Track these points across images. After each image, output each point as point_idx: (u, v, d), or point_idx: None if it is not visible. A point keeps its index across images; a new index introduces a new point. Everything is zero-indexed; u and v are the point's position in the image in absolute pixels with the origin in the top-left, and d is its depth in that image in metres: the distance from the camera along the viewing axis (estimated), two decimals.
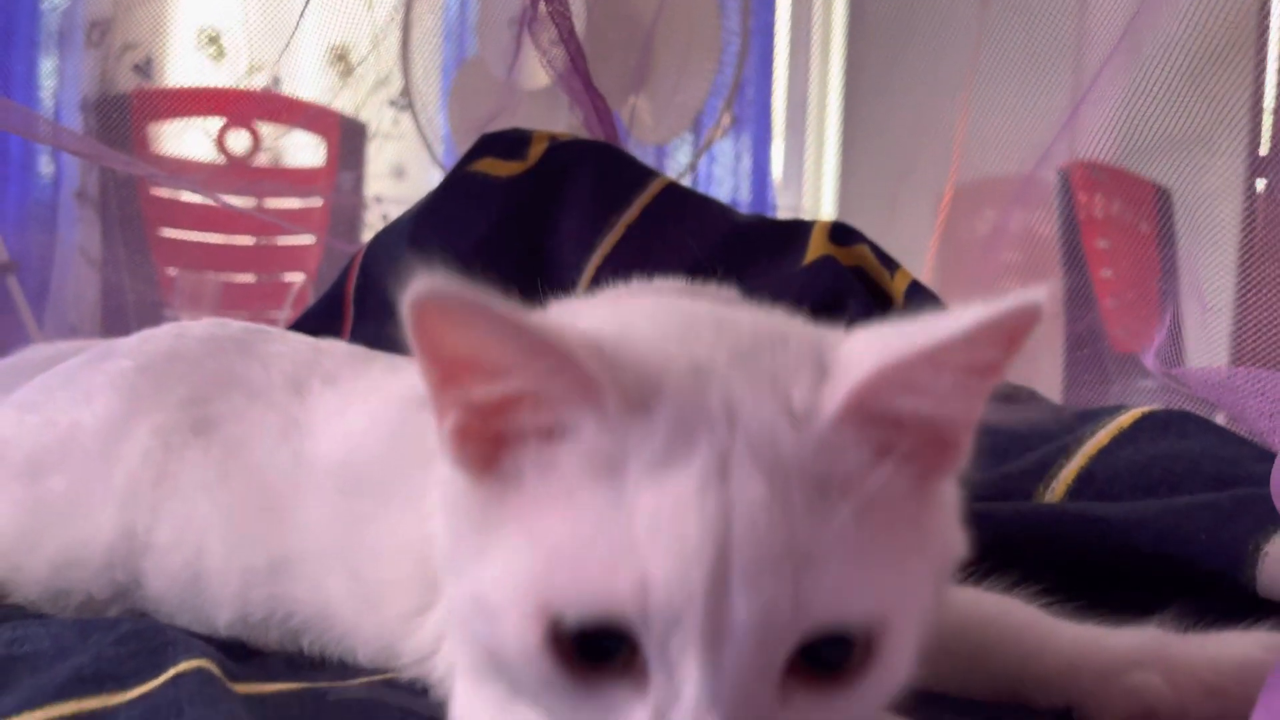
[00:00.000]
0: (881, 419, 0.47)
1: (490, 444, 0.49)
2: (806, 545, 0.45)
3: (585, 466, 0.47)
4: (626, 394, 0.46)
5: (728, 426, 0.46)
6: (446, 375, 0.47)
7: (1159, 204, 1.70)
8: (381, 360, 0.98)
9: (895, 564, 0.48)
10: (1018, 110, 1.99)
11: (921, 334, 0.45)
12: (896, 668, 0.48)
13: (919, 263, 2.23)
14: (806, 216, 2.75)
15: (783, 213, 3.72)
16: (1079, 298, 1.83)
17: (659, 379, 0.47)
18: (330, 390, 0.93)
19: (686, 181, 3.47)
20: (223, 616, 0.88)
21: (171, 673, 0.71)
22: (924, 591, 0.50)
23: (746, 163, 3.94)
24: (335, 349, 1.01)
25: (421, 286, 0.43)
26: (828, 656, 0.46)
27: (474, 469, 0.50)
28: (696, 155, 3.22)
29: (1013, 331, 0.45)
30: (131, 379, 0.97)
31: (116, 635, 0.78)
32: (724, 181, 3.86)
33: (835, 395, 0.47)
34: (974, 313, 0.44)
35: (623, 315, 0.58)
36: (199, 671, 0.71)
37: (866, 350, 0.48)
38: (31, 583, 0.92)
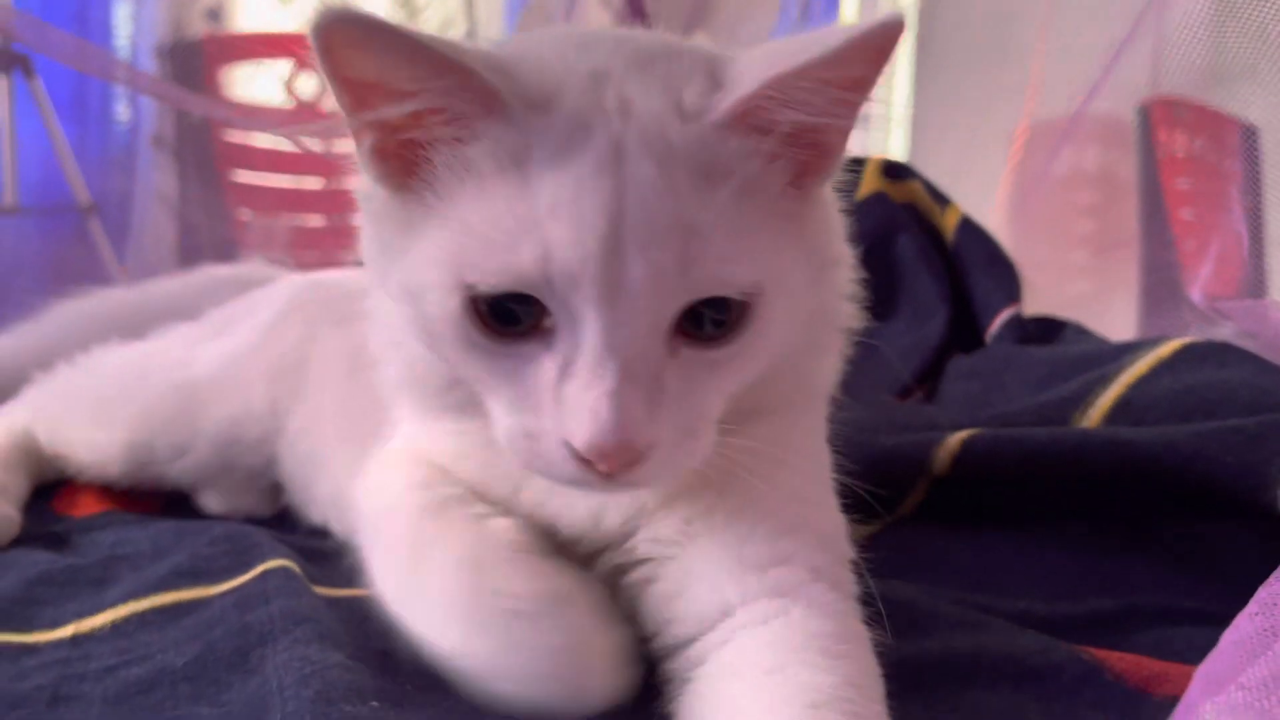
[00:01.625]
0: (766, 129, 0.54)
1: (405, 158, 0.55)
2: (691, 219, 0.51)
3: (493, 161, 0.53)
4: (525, 97, 0.52)
5: (621, 119, 0.53)
6: (357, 99, 0.53)
7: (1245, 142, 1.66)
8: None
9: (771, 245, 0.55)
10: (1096, 44, 1.94)
11: (801, 52, 0.51)
12: (770, 335, 0.56)
13: (990, 202, 2.20)
14: (875, 155, 2.74)
15: (853, 151, 3.67)
16: (1157, 240, 1.81)
17: (558, 82, 0.54)
18: None
19: None
20: (316, 512, 0.98)
21: (260, 569, 0.78)
22: (798, 275, 0.57)
23: None
24: None
25: (325, 12, 0.48)
26: (710, 319, 0.54)
27: (393, 182, 0.56)
28: None
29: (880, 48, 0.51)
30: (289, 291, 1.15)
31: (209, 538, 0.86)
32: None
33: (724, 101, 0.53)
34: (844, 31, 0.50)
35: (529, 40, 0.61)
36: (284, 569, 0.78)
37: (753, 64, 0.54)
38: (195, 466, 1.03)
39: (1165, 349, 1.02)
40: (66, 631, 0.70)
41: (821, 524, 0.65)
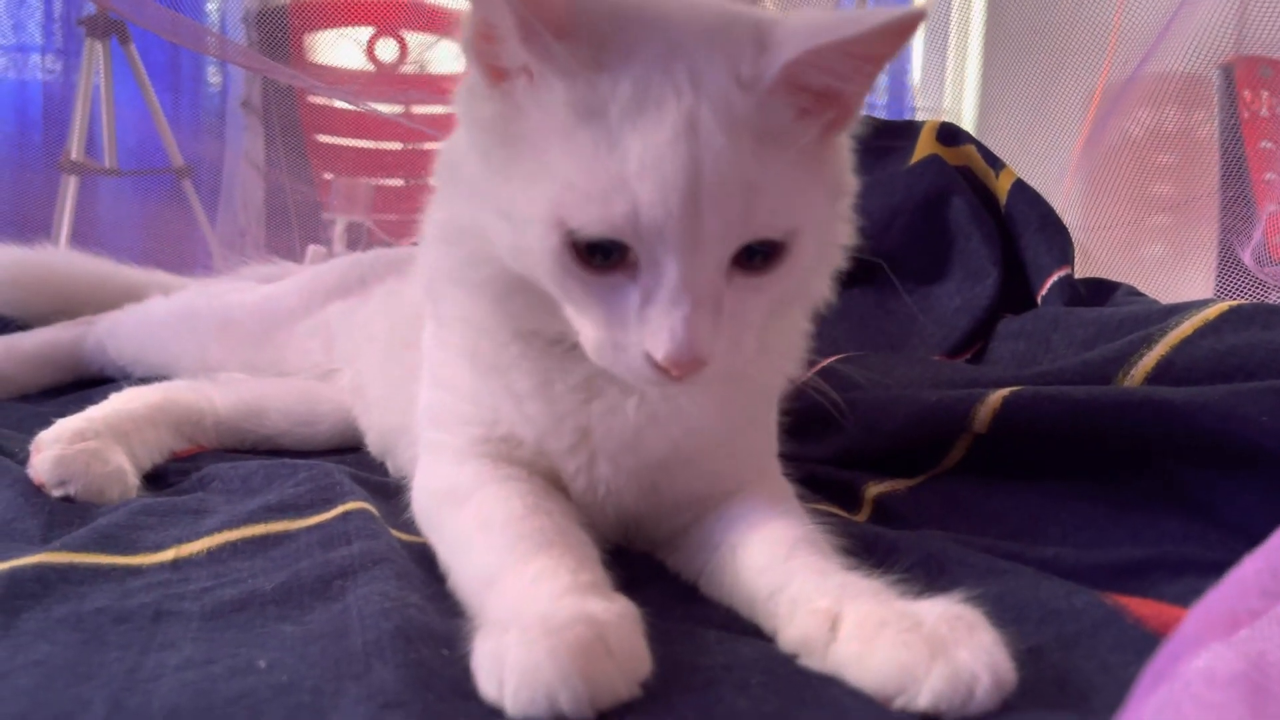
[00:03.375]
0: (802, 88, 0.65)
1: (496, 65, 0.66)
2: (752, 179, 0.63)
3: (569, 110, 0.63)
4: (579, 59, 0.62)
5: (692, 90, 0.63)
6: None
7: None
8: None
9: (806, 189, 0.67)
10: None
11: (840, 28, 0.62)
12: (804, 263, 0.69)
13: (1063, 164, 2.17)
14: (947, 119, 2.70)
15: (921, 116, 3.64)
16: (1237, 203, 1.78)
17: (632, 48, 0.64)
18: None
19: None
20: (372, 442, 1.13)
21: (341, 509, 0.86)
22: (822, 209, 0.70)
23: None
24: None
25: None
26: (758, 252, 0.66)
27: (489, 77, 0.67)
28: None
29: (902, 33, 0.63)
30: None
31: (295, 480, 0.94)
32: None
33: (771, 67, 0.64)
34: (878, 16, 0.61)
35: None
36: (363, 511, 0.85)
37: (795, 34, 0.64)
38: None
39: (1211, 311, 1.03)
40: (168, 555, 0.77)
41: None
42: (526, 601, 0.62)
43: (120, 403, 1.03)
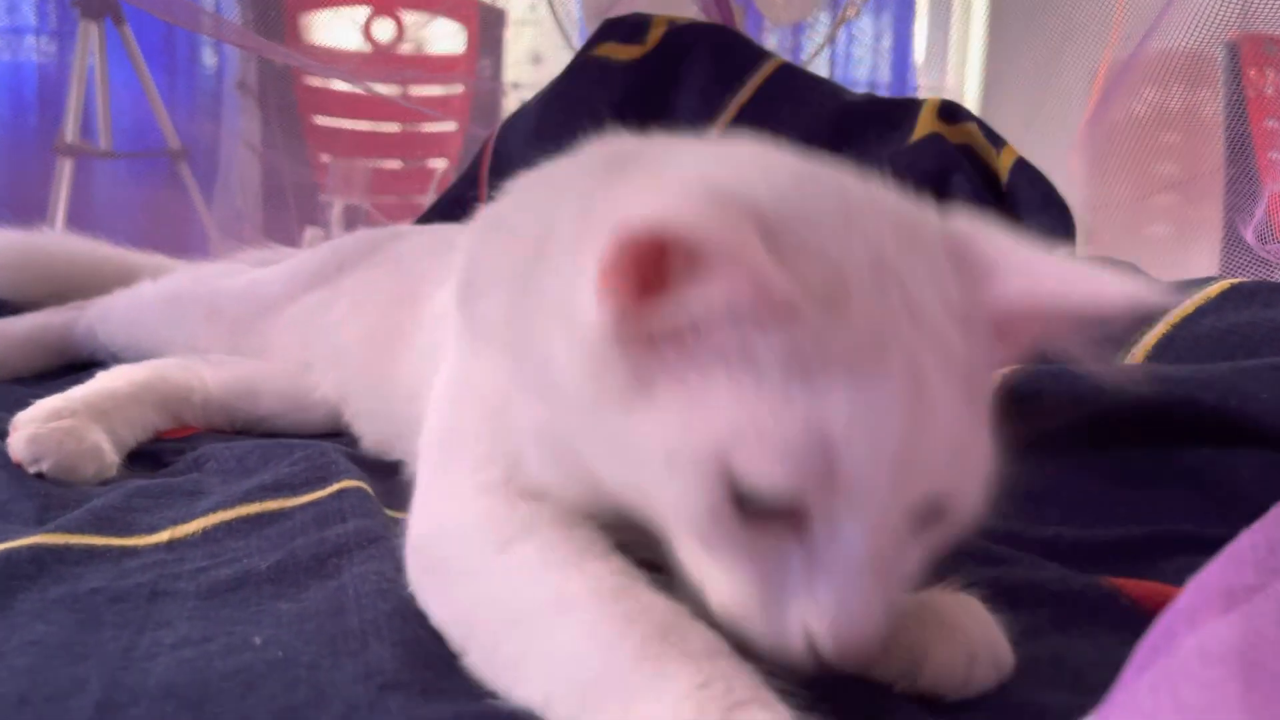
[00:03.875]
0: (1005, 332, 0.54)
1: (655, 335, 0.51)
2: (961, 441, 0.51)
3: (776, 359, 0.48)
4: (819, 299, 0.48)
5: (912, 328, 0.50)
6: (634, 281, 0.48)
7: None
8: None
9: (988, 438, 0.54)
10: None
11: (1073, 292, 0.52)
12: (971, 511, 0.54)
13: (1067, 143, 2.16)
14: (949, 98, 2.69)
15: (924, 94, 3.62)
16: (1242, 182, 1.77)
17: (844, 276, 0.49)
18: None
19: (822, 62, 3.41)
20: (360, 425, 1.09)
21: (336, 487, 0.85)
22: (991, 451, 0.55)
23: (887, 42, 3.82)
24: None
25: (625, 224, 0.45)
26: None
27: (630, 340, 0.50)
28: (832, 29, 3.15)
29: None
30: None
31: (291, 459, 0.94)
32: (863, 62, 3.76)
33: (992, 306, 0.53)
34: (1121, 291, 0.50)
35: (770, 178, 0.55)
36: (358, 489, 0.85)
37: (1019, 268, 0.53)
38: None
39: (1213, 289, 1.03)
40: (163, 536, 0.77)
41: None
42: None
43: (105, 381, 1.03)
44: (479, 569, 0.59)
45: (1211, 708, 0.39)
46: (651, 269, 0.48)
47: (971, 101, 3.20)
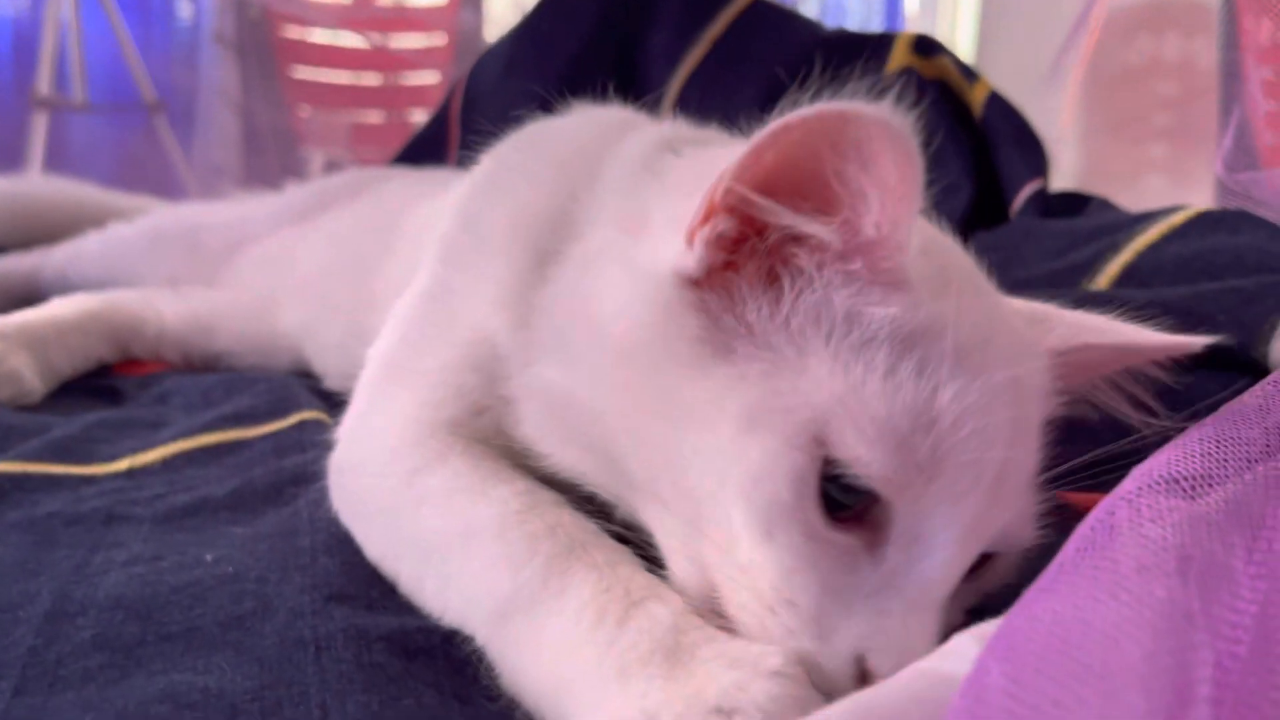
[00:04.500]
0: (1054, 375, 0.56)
1: (755, 260, 0.49)
2: (1034, 469, 0.53)
3: (891, 331, 0.47)
4: (927, 284, 0.48)
5: (1008, 339, 0.51)
6: (771, 178, 0.47)
7: None
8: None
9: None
10: None
11: (1114, 333, 0.59)
12: (1012, 562, 0.54)
13: (1063, 93, 2.15)
14: (942, 34, 2.66)
15: None
16: (1237, 135, 1.75)
17: (947, 272, 0.51)
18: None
19: (813, 8, 3.38)
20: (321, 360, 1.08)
21: (296, 418, 0.86)
22: None
23: None
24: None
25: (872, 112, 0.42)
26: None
27: (712, 292, 0.50)
28: None
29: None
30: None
31: (254, 391, 0.94)
32: (854, 10, 3.73)
33: (1057, 339, 0.56)
34: (1155, 336, 0.59)
35: None
36: (318, 420, 0.86)
37: (1062, 319, 0.59)
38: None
39: (1178, 217, 1.03)
40: (122, 465, 0.78)
41: None
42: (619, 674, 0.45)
43: (52, 308, 1.04)
44: (394, 506, 0.58)
45: (1147, 583, 0.39)
46: (752, 221, 0.48)
47: (966, 51, 3.16)
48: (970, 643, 0.43)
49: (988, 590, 0.53)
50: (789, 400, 0.47)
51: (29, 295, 1.34)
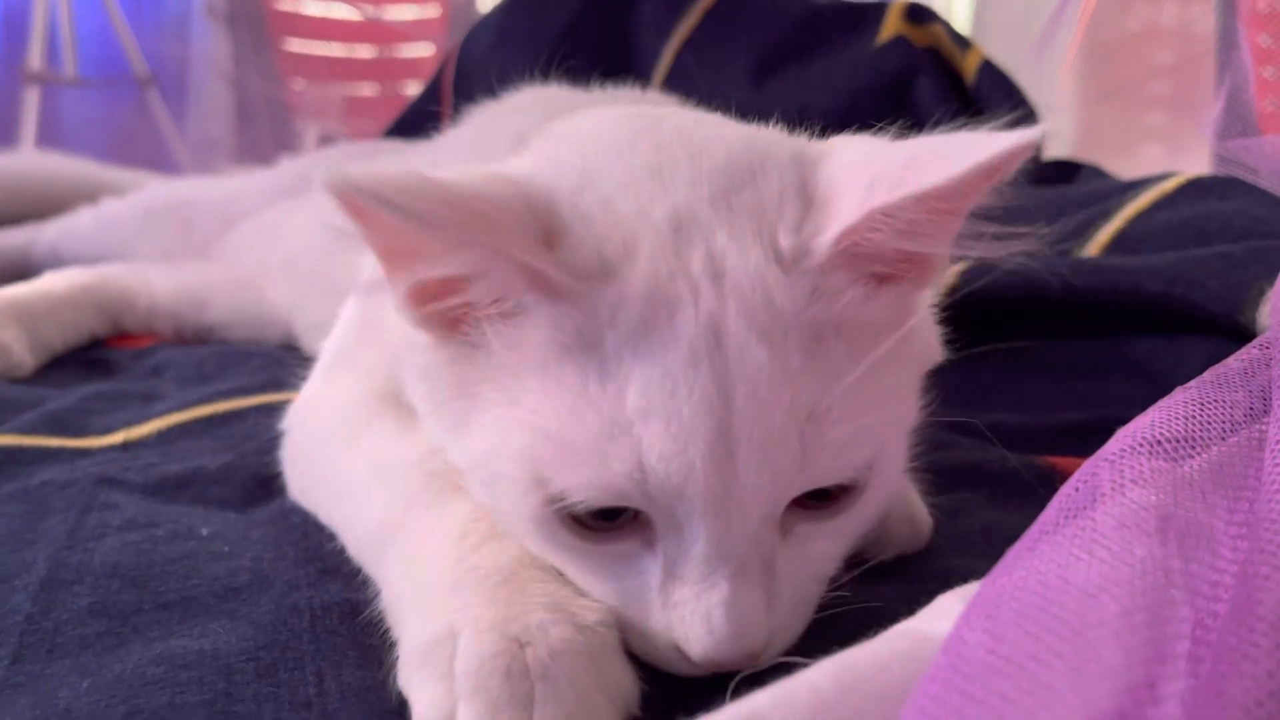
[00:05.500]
0: (870, 256, 0.46)
1: (447, 316, 0.47)
2: (809, 402, 0.44)
3: (554, 342, 0.45)
4: (585, 270, 0.44)
5: (714, 285, 0.44)
6: (389, 254, 0.45)
7: None
8: None
9: (887, 393, 0.48)
10: None
11: (919, 174, 0.43)
12: (887, 487, 0.51)
13: (1059, 62, 2.13)
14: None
15: None
16: (1229, 102, 1.75)
17: (629, 239, 0.46)
18: None
19: None
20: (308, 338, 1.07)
21: (291, 394, 0.86)
22: (910, 407, 0.52)
23: None
24: None
25: (333, 180, 0.40)
26: (825, 492, 0.47)
27: (436, 331, 0.48)
28: None
29: (1003, 170, 0.43)
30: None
31: (249, 367, 0.94)
32: None
33: (825, 239, 0.45)
34: (967, 157, 0.42)
35: (586, 149, 0.52)
36: None
37: (852, 185, 0.46)
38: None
39: (1169, 184, 1.03)
40: (117, 438, 0.78)
41: None
42: (455, 567, 0.47)
43: (43, 283, 1.04)
44: (320, 456, 0.63)
45: (1126, 541, 0.40)
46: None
47: (962, 20, 3.15)
48: (955, 602, 0.43)
49: (870, 523, 0.52)
50: (509, 447, 0.46)
51: (21, 271, 1.34)
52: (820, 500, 0.47)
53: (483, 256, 0.43)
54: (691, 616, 0.44)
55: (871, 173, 0.45)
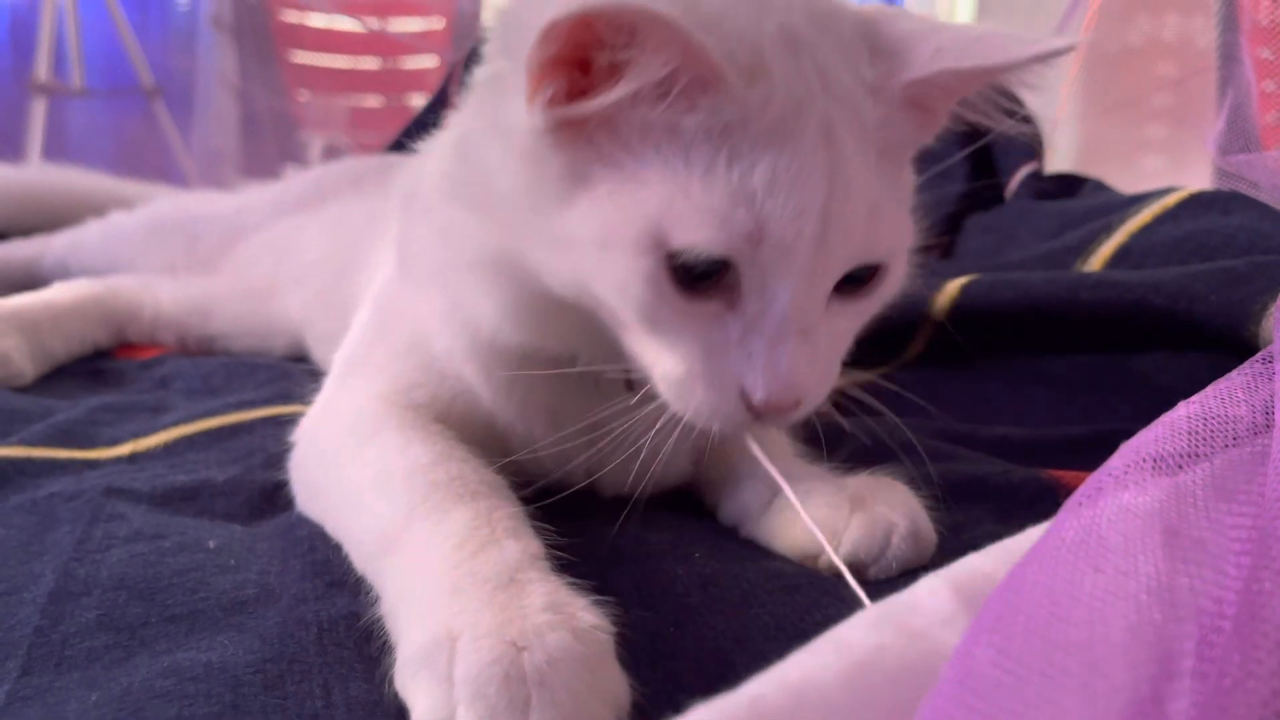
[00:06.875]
0: (918, 104, 0.58)
1: (571, 116, 0.54)
2: (876, 198, 0.56)
3: (704, 131, 0.53)
4: (742, 70, 0.52)
5: (825, 93, 0.54)
6: (554, 64, 0.51)
7: None
8: None
9: (906, 209, 0.62)
10: None
11: (980, 52, 0.55)
12: (896, 283, 0.62)
13: (1061, 76, 2.14)
14: (941, 15, 2.65)
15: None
16: (1230, 117, 1.75)
17: (760, 49, 0.53)
18: None
19: None
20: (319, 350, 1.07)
21: (299, 407, 0.86)
22: (910, 228, 0.63)
23: None
24: None
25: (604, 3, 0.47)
26: (858, 276, 0.58)
27: (568, 132, 0.54)
28: None
29: (1045, 63, 0.55)
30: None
31: (255, 380, 0.95)
32: None
33: (900, 79, 0.56)
34: (1029, 47, 0.54)
35: None
36: None
37: (920, 46, 0.57)
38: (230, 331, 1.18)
39: (1171, 199, 1.03)
40: (124, 450, 0.78)
41: None
42: (455, 575, 0.49)
43: (50, 293, 1.05)
44: (326, 466, 0.65)
45: (1131, 557, 0.40)
46: (579, 65, 0.52)
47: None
48: (940, 583, 0.44)
49: (886, 300, 0.63)
50: (630, 213, 0.53)
51: (31, 282, 1.35)
52: (853, 284, 0.58)
53: (679, 53, 0.50)
54: (765, 363, 0.54)
55: (939, 40, 0.56)
